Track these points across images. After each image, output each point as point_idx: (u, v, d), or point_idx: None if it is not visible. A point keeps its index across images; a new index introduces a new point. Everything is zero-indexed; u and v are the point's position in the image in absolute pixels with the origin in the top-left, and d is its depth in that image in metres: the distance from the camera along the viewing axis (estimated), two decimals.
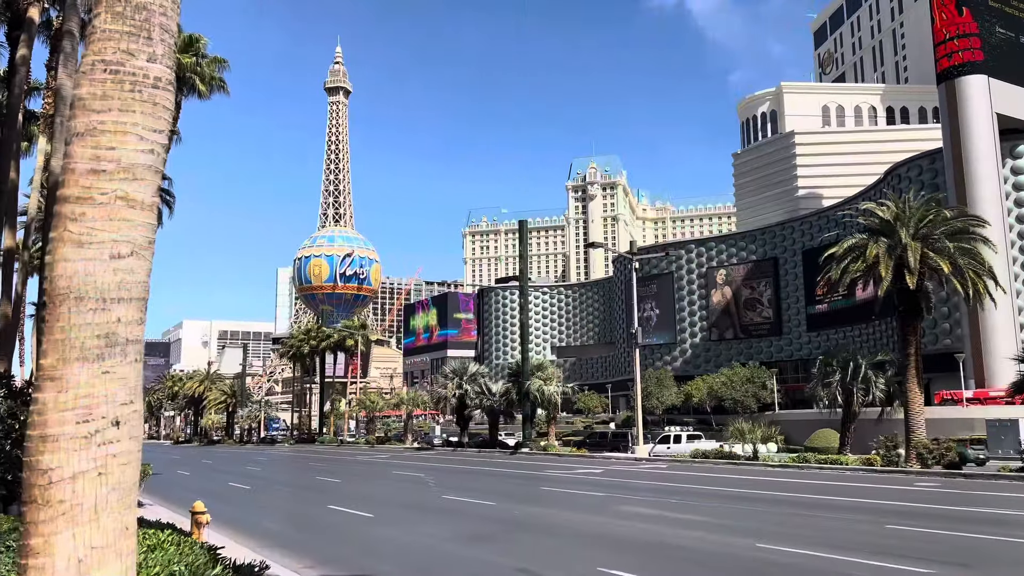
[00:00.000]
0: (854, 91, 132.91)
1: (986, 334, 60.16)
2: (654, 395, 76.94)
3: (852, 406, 44.09)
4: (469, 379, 69.16)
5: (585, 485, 31.47)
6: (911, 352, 37.70)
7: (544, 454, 56.65)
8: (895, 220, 38.04)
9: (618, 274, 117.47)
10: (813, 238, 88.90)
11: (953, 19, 64.87)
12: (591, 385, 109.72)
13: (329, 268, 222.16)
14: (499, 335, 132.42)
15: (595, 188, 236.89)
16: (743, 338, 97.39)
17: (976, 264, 37.62)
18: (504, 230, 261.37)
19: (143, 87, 4.62)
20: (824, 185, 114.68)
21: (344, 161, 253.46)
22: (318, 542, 17.97)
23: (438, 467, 45.63)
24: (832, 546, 15.20)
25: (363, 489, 32.96)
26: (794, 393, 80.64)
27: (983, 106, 63.28)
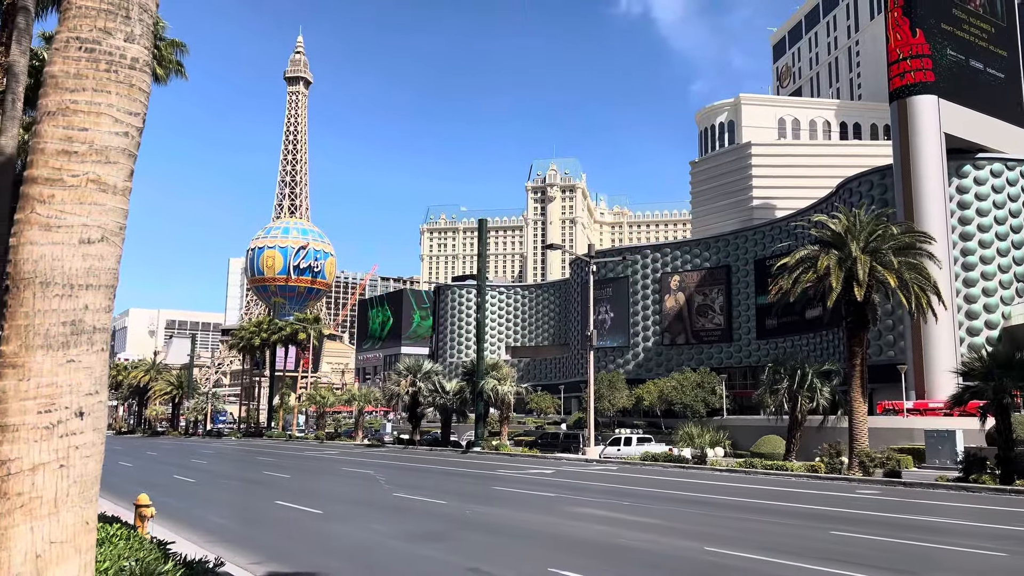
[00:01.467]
0: (810, 105, 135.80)
1: (928, 347, 61.99)
2: (606, 397, 77.56)
3: (798, 413, 45.06)
4: (423, 377, 68.82)
5: (537, 485, 31.57)
6: (856, 363, 38.66)
7: (496, 454, 56.68)
8: (846, 233, 38.97)
9: (575, 276, 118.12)
10: (766, 248, 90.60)
11: (907, 40, 66.70)
12: (544, 386, 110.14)
13: (283, 260, 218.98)
14: (454, 333, 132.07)
15: (554, 190, 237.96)
16: (694, 344, 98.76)
17: (921, 279, 38.76)
18: (463, 228, 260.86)
19: (120, 67, 4.47)
20: (778, 196, 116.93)
21: (302, 152, 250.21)
22: (266, 538, 17.70)
23: (389, 464, 45.32)
24: (778, 551, 15.50)
25: (312, 485, 32.56)
26: (742, 399, 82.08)
27: (932, 126, 65.20)
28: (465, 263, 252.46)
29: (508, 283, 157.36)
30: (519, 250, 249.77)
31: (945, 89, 65.91)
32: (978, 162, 68.43)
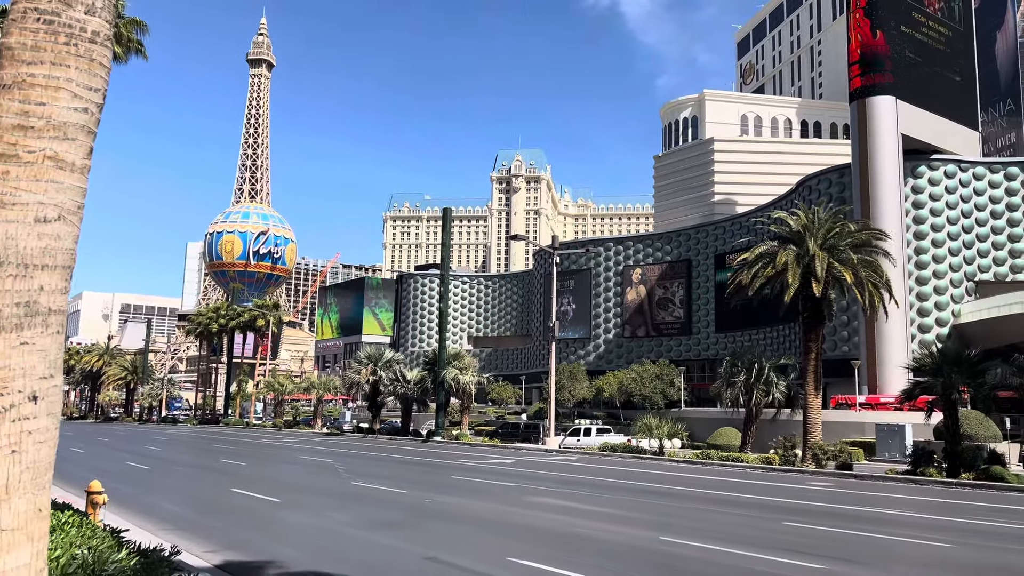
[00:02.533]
0: (772, 103, 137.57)
1: (881, 343, 63.45)
2: (567, 388, 78.03)
3: (754, 406, 45.82)
4: (384, 365, 68.45)
5: (496, 475, 31.66)
6: (812, 357, 39.45)
7: (456, 443, 56.69)
8: (804, 230, 39.67)
9: (538, 268, 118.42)
10: (726, 243, 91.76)
11: (868, 41, 67.90)
12: (505, 376, 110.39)
13: (242, 245, 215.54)
14: (416, 322, 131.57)
15: (519, 181, 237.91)
16: (654, 336, 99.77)
17: (876, 276, 39.65)
18: (426, 217, 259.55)
19: (79, 41, 4.31)
20: (739, 192, 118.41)
21: (264, 136, 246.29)
22: (221, 526, 17.48)
23: (348, 453, 45.05)
24: (733, 541, 15.77)
25: (269, 473, 32.24)
26: (700, 391, 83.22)
27: (890, 126, 66.54)
28: (428, 252, 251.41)
29: (471, 273, 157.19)
30: (483, 240, 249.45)
31: (903, 90, 67.26)
32: (933, 163, 70.06)
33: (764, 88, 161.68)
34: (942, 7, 74.28)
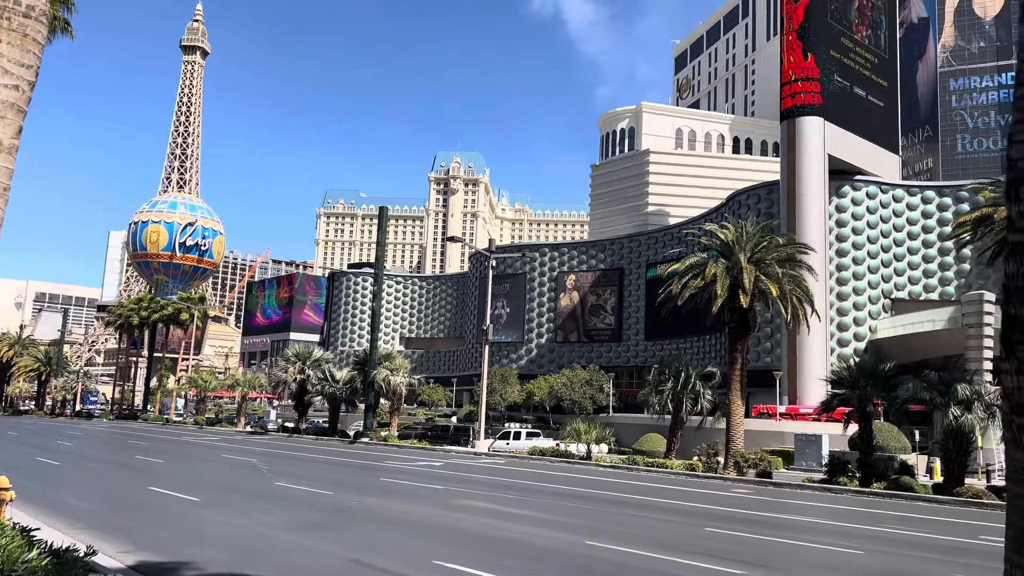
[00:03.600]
0: (706, 118, 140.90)
1: (802, 355, 65.59)
2: (498, 391, 78.21)
3: (681, 413, 46.78)
4: (312, 364, 67.31)
5: (425, 477, 31.51)
6: (737, 367, 40.51)
7: (385, 445, 56.17)
8: (733, 243, 40.78)
9: (474, 270, 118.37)
10: (658, 252, 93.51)
11: (799, 63, 70.24)
12: (437, 378, 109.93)
13: (168, 236, 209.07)
14: (348, 321, 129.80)
15: (457, 183, 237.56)
16: (586, 342, 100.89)
17: (800, 290, 41.01)
18: (361, 215, 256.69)
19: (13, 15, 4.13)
20: (672, 204, 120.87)
21: (195, 125, 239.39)
22: (137, 525, 16.92)
23: (272, 453, 44.15)
24: (656, 545, 16.09)
25: (189, 471, 31.35)
26: (628, 397, 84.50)
27: (817, 146, 68.94)
28: (362, 250, 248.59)
29: (406, 273, 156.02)
30: (419, 240, 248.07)
31: (831, 112, 69.78)
32: (856, 183, 72.85)
33: (700, 103, 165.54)
34: (869, 35, 77.40)
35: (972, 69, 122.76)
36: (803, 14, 70.11)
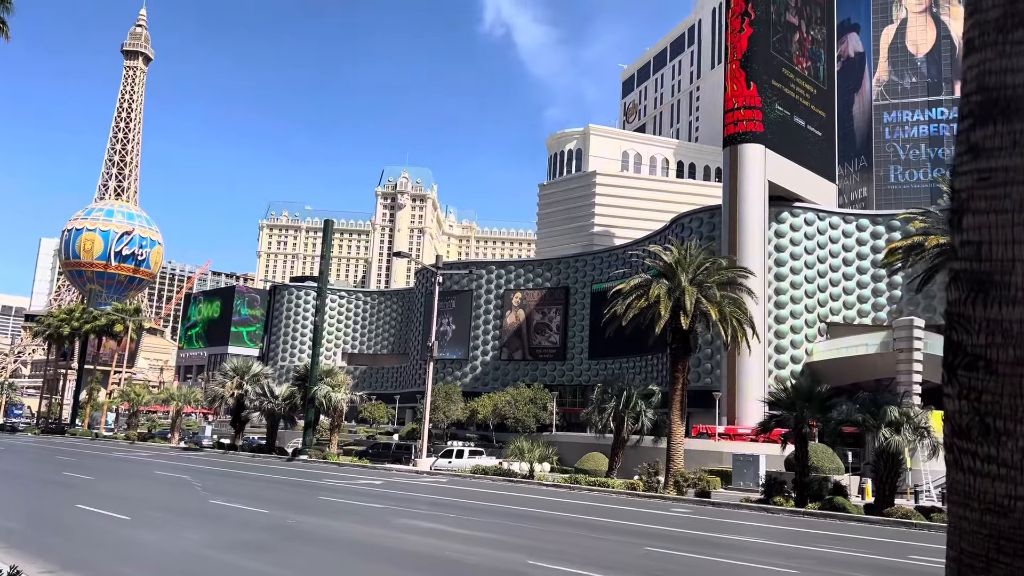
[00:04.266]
0: (652, 143, 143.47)
1: (741, 377, 66.84)
2: (441, 409, 77.61)
3: (622, 432, 47.11)
4: (251, 379, 65.82)
5: (365, 496, 31.00)
6: (678, 387, 41.07)
7: (324, 462, 55.15)
8: (676, 265, 41.47)
9: (419, 286, 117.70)
10: (603, 273, 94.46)
11: (742, 91, 72.14)
12: (380, 395, 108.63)
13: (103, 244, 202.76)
14: (289, 336, 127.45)
15: (405, 198, 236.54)
16: (530, 360, 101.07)
17: (740, 313, 41.87)
18: (306, 227, 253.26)
19: None
20: (618, 225, 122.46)
21: (135, 132, 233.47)
22: (63, 544, 16.21)
23: (207, 470, 42.91)
24: (598, 565, 16.09)
25: (119, 488, 30.24)
26: (571, 416, 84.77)
27: (758, 172, 70.74)
28: (306, 264, 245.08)
29: (350, 288, 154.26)
30: (364, 255, 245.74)
31: (772, 140, 71.75)
32: (795, 210, 74.93)
33: (645, 127, 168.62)
34: (809, 67, 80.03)
35: (904, 103, 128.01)
36: (747, 44, 72.13)
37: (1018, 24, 3.54)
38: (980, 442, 3.53)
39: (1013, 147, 3.51)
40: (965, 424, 3.59)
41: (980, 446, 3.54)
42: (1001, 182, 3.54)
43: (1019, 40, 3.54)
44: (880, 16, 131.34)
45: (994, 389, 3.48)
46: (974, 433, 3.55)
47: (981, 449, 3.54)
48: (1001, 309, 3.48)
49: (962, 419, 3.60)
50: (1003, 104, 3.57)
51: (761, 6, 72.59)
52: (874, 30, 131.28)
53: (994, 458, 3.49)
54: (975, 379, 3.56)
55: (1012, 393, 3.43)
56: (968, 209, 3.67)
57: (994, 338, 3.50)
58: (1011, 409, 3.43)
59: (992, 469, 3.50)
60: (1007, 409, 3.44)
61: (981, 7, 3.70)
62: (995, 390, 3.48)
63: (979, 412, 3.54)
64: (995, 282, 3.51)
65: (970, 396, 3.58)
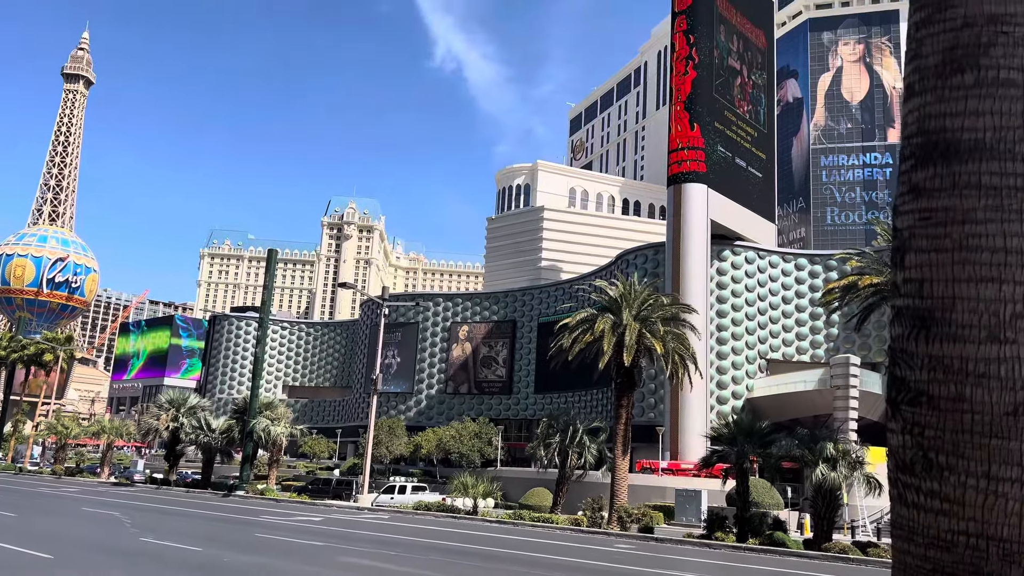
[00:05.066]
0: (598, 180, 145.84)
1: (684, 412, 67.54)
2: (384, 443, 76.38)
3: (567, 467, 47.03)
4: (188, 412, 63.84)
5: (303, 533, 30.14)
6: (622, 421, 41.27)
7: (262, 498, 53.58)
8: (621, 300, 41.94)
9: (364, 318, 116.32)
10: (550, 307, 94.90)
11: (686, 132, 73.99)
12: (321, 429, 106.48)
13: (35, 271, 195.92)
14: (228, 367, 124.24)
15: (352, 229, 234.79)
16: (476, 394, 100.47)
17: (683, 348, 42.45)
18: (248, 256, 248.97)
19: None
20: (564, 260, 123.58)
21: (73, 156, 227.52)
22: None
23: (139, 506, 41.24)
24: None
25: (43, 526, 28.78)
26: (516, 451, 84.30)
27: (701, 211, 72.34)
28: (248, 293, 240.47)
29: (293, 318, 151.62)
30: (308, 285, 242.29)
31: (714, 180, 73.58)
32: (736, 248, 76.70)
33: (592, 164, 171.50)
34: (750, 110, 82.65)
35: (840, 148, 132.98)
36: (690, 87, 74.16)
37: (956, 70, 3.67)
38: (924, 477, 3.58)
39: (953, 188, 3.62)
40: (909, 459, 3.64)
41: (924, 481, 3.58)
42: (942, 222, 3.64)
43: (957, 85, 3.67)
44: (817, 64, 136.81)
45: (937, 425, 3.54)
46: (918, 468, 3.60)
47: (924, 484, 3.58)
48: (943, 346, 3.56)
49: (906, 454, 3.65)
50: (943, 147, 3.69)
51: (705, 51, 74.85)
52: (812, 77, 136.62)
53: (937, 493, 3.53)
54: (918, 415, 3.62)
55: (954, 429, 3.49)
56: (910, 247, 3.76)
57: (936, 374, 3.57)
58: (953, 445, 3.48)
59: (935, 504, 3.55)
60: (949, 445, 3.50)
61: (921, 53, 3.84)
62: (938, 425, 3.54)
63: (922, 447, 3.59)
64: (937, 319, 3.58)
65: (913, 431, 3.63)
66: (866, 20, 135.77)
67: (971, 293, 3.49)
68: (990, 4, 3.56)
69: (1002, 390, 3.39)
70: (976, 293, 3.48)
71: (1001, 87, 3.54)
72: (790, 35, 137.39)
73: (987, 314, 3.44)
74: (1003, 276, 3.44)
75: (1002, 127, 3.53)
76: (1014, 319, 3.40)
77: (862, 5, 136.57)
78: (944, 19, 3.70)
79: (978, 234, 3.52)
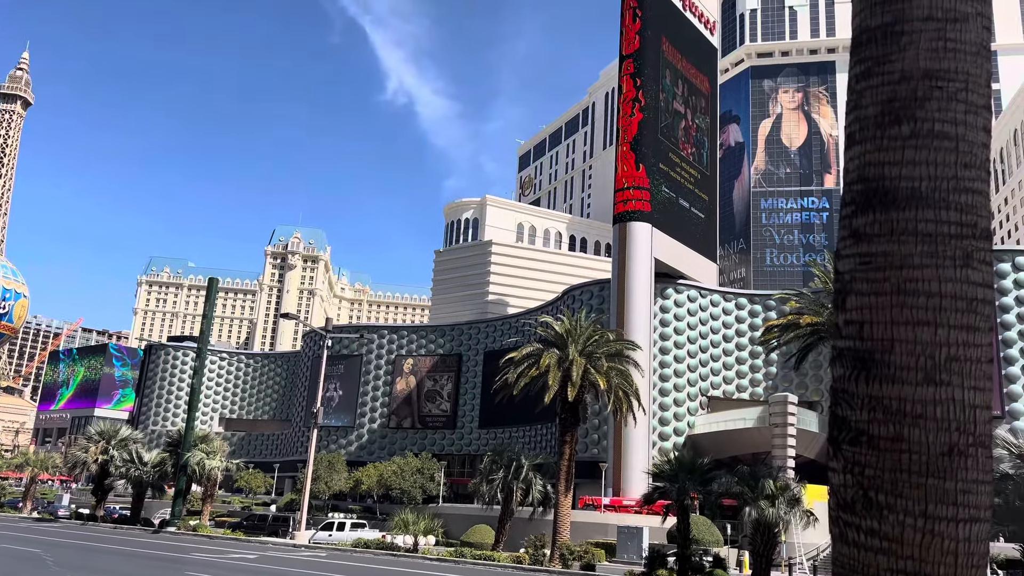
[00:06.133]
0: (546, 216, 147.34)
1: (627, 448, 67.80)
2: (323, 479, 74.69)
3: (511, 504, 46.60)
4: (118, 444, 61.46)
5: (236, 571, 29.12)
6: (566, 457, 41.16)
7: (194, 535, 51.68)
8: (567, 335, 42.11)
9: (307, 349, 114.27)
10: (496, 341, 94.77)
11: (632, 172, 75.44)
12: (258, 463, 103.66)
13: None
14: (163, 398, 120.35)
15: (296, 258, 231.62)
16: (420, 428, 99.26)
17: (627, 384, 42.72)
18: (188, 285, 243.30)
19: None
20: (511, 294, 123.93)
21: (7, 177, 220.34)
22: None
23: (62, 543, 39.33)
24: None
25: None
26: (459, 487, 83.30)
27: (645, 250, 73.53)
28: (186, 323, 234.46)
29: (233, 349, 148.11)
30: (250, 315, 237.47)
31: (658, 220, 74.99)
32: (678, 287, 78.05)
33: (540, 201, 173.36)
34: (694, 152, 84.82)
35: (779, 192, 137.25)
36: (636, 128, 75.80)
37: (894, 121, 3.83)
38: (864, 516, 3.64)
39: (891, 234, 3.76)
40: (850, 498, 3.71)
41: (864, 520, 3.65)
42: (881, 266, 3.76)
43: (895, 136, 3.83)
44: (758, 110, 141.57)
45: (876, 464, 3.62)
46: (858, 507, 3.66)
47: (865, 523, 3.65)
48: (882, 387, 3.65)
49: (847, 493, 3.72)
50: (881, 194, 3.83)
51: (651, 93, 76.73)
52: (753, 123, 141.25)
53: (877, 532, 3.60)
54: (859, 454, 3.70)
55: (893, 468, 3.57)
56: (851, 290, 3.88)
57: (876, 414, 3.66)
58: (892, 484, 3.56)
59: (875, 543, 3.61)
60: (888, 484, 3.57)
61: (861, 103, 4.00)
62: (877, 465, 3.62)
63: (863, 486, 3.66)
64: (876, 360, 3.68)
65: (854, 470, 3.71)
66: (804, 70, 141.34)
67: (909, 336, 3.60)
68: (926, 60, 3.74)
69: (938, 431, 3.49)
70: (913, 336, 3.60)
71: (936, 139, 3.71)
72: (733, 81, 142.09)
73: (924, 356, 3.55)
74: (938, 320, 3.56)
75: (937, 177, 3.69)
76: (949, 362, 3.52)
77: (801, 55, 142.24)
78: (883, 72, 3.87)
79: (915, 279, 3.65)
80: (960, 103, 3.67)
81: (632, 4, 78.08)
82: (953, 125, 3.70)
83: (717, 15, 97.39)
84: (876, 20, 3.86)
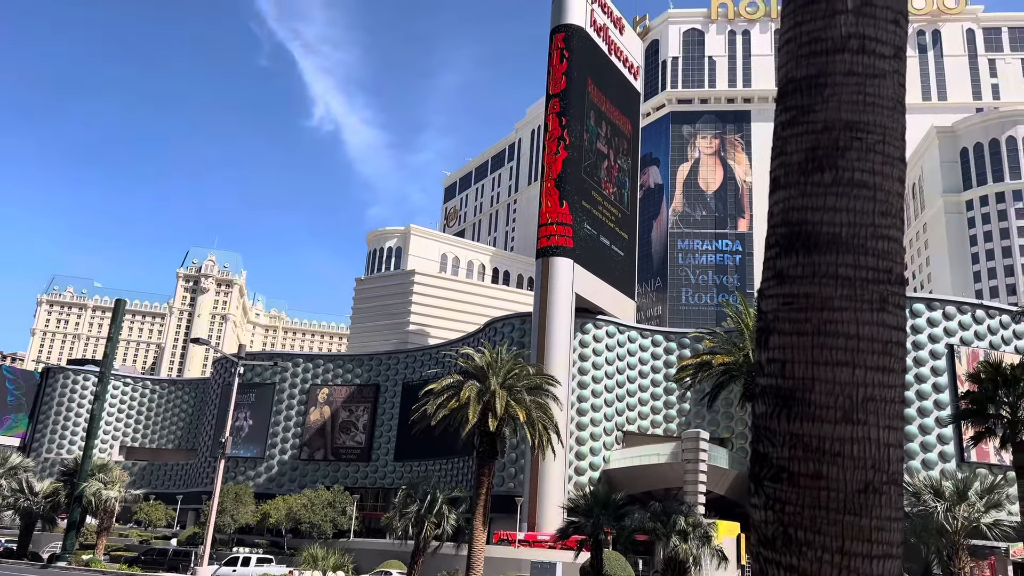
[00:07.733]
0: (470, 248, 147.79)
1: (543, 482, 67.82)
2: (229, 512, 71.85)
3: (423, 538, 45.77)
4: (7, 472, 57.72)
5: None
6: (483, 491, 40.84)
7: (86, 570, 48.79)
8: (488, 368, 42.04)
9: (217, 376, 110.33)
10: (416, 371, 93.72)
11: (556, 208, 76.60)
12: (160, 494, 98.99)
13: None
14: (59, 424, 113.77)
15: (209, 282, 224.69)
16: (332, 460, 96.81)
17: (546, 418, 42.87)
18: (93, 306, 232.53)
19: None
20: (433, 325, 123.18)
21: None
22: None
23: None
24: None
25: None
26: (371, 521, 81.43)
27: (567, 285, 74.52)
28: (89, 345, 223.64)
29: (138, 374, 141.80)
30: (158, 339, 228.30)
31: (580, 256, 76.21)
32: (598, 322, 79.21)
33: (465, 232, 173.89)
34: (615, 192, 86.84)
35: (695, 233, 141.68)
36: (561, 166, 77.19)
37: (817, 168, 4.00)
38: (784, 552, 3.71)
39: (813, 276, 3.90)
40: (771, 534, 3.77)
41: (783, 556, 3.71)
42: (803, 307, 3.89)
43: (817, 183, 4.00)
44: (677, 154, 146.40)
45: (796, 501, 3.70)
46: (778, 543, 3.73)
47: (784, 559, 3.71)
48: (803, 424, 3.76)
49: (768, 529, 3.79)
50: (804, 238, 3.98)
51: (575, 133, 78.39)
52: (672, 166, 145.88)
53: (796, 568, 3.67)
54: (779, 491, 3.77)
55: (812, 505, 3.66)
56: (774, 329, 3.99)
57: (796, 451, 3.75)
58: (812, 520, 3.64)
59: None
60: (808, 520, 3.66)
61: (786, 150, 4.16)
62: (797, 501, 3.70)
63: (783, 523, 3.73)
64: (797, 399, 3.79)
65: (775, 507, 3.78)
66: (722, 117, 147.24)
67: (828, 376, 3.72)
68: (847, 112, 3.93)
69: (855, 468, 3.60)
70: (833, 376, 3.72)
71: (855, 187, 3.89)
72: (654, 125, 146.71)
73: (842, 396, 3.67)
74: (856, 361, 3.69)
75: (856, 224, 3.85)
76: (866, 402, 3.65)
77: (719, 103, 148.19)
78: (807, 121, 4.04)
79: (835, 320, 3.78)
80: (878, 154, 3.87)
81: (560, 45, 79.93)
82: (871, 175, 3.89)
83: (641, 60, 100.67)
84: (802, 72, 4.04)
